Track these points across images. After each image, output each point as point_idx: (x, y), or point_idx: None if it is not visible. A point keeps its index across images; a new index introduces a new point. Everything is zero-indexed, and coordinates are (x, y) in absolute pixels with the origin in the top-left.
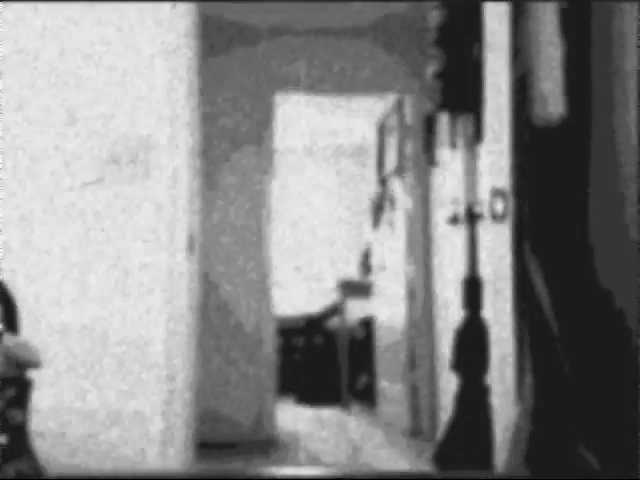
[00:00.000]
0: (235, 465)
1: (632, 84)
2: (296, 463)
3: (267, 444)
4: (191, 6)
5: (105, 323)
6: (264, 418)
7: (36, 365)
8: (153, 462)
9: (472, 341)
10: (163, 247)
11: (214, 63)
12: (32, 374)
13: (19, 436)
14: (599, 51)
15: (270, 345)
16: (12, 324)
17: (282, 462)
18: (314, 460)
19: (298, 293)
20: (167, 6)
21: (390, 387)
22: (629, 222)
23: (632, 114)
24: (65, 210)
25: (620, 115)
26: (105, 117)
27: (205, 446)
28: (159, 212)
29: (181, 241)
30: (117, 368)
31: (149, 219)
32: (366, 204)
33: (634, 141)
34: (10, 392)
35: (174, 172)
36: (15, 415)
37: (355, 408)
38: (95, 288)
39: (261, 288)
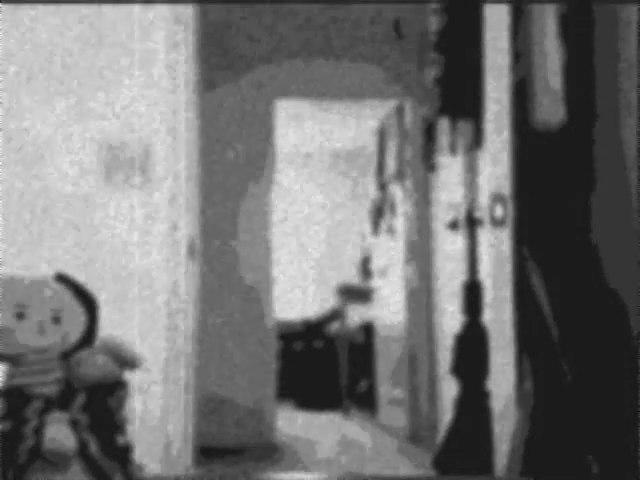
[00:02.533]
0: (235, 470)
1: (633, 88)
2: (296, 468)
3: (267, 449)
4: (192, 10)
5: (103, 328)
6: (264, 423)
7: (138, 365)
8: (153, 467)
9: (472, 346)
10: (163, 253)
11: (214, 67)
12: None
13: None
14: (600, 55)
15: (270, 350)
16: (95, 324)
17: (282, 467)
18: (314, 465)
19: (298, 298)
20: (167, 8)
21: (390, 392)
22: (636, 227)
23: (634, 118)
24: (64, 215)
25: (622, 119)
26: (104, 122)
27: (205, 451)
28: (159, 217)
29: (182, 246)
30: None
31: (149, 224)
32: (366, 209)
33: (634, 146)
34: (123, 393)
35: (174, 177)
36: (122, 416)
37: (355, 413)
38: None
39: (261, 292)
